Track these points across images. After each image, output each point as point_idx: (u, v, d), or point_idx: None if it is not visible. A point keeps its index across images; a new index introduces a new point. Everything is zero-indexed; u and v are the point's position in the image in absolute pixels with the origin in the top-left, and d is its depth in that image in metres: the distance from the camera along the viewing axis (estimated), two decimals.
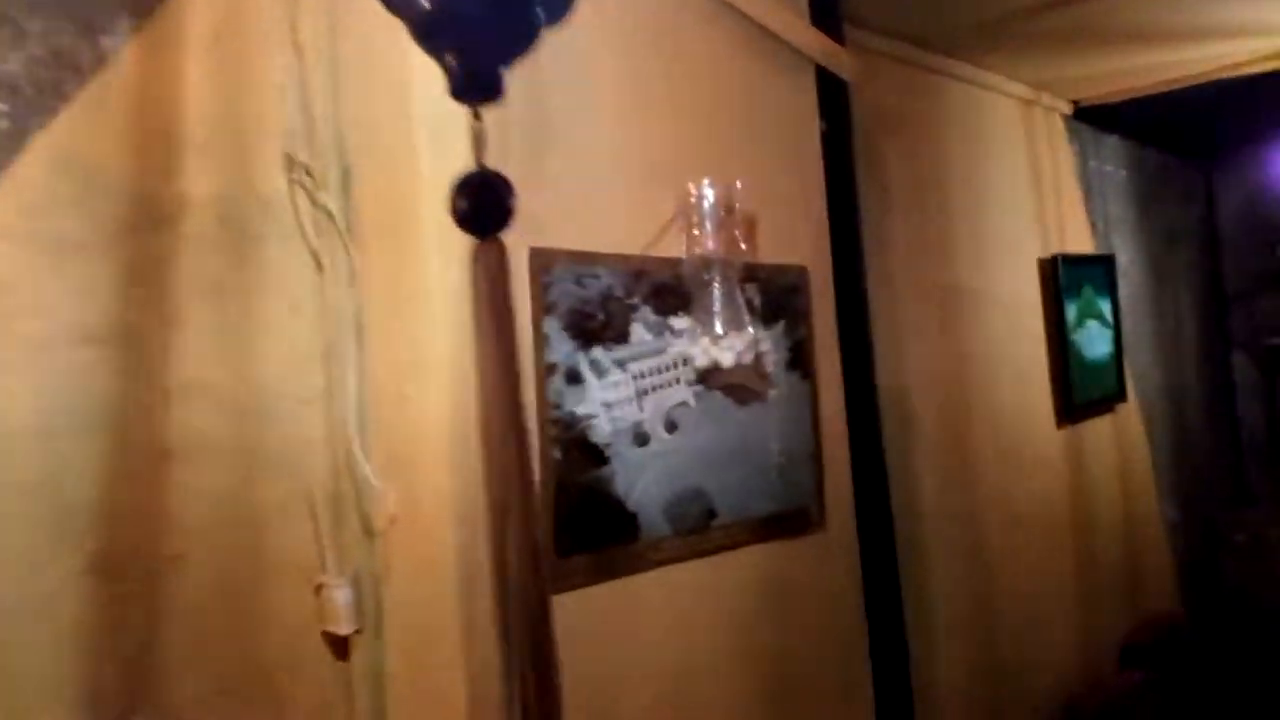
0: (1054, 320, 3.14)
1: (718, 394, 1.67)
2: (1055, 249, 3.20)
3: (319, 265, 1.45)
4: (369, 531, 1.45)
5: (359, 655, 1.46)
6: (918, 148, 2.70)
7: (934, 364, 2.59)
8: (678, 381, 1.60)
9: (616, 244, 1.54)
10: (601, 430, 1.49)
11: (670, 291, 1.60)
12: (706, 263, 1.56)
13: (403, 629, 1.42)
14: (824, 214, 1.92)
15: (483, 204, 0.97)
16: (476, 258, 0.98)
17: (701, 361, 1.59)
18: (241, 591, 1.38)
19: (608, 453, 1.49)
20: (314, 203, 1.44)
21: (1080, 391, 3.21)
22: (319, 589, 1.42)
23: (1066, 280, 3.18)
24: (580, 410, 1.46)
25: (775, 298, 1.78)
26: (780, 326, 1.79)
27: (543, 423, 1.41)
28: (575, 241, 1.49)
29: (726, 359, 1.57)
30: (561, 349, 1.45)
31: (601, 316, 1.51)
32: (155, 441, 1.31)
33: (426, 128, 1.35)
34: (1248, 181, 4.35)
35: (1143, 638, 3.18)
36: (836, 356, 1.91)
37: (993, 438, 2.80)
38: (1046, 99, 3.27)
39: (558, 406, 1.44)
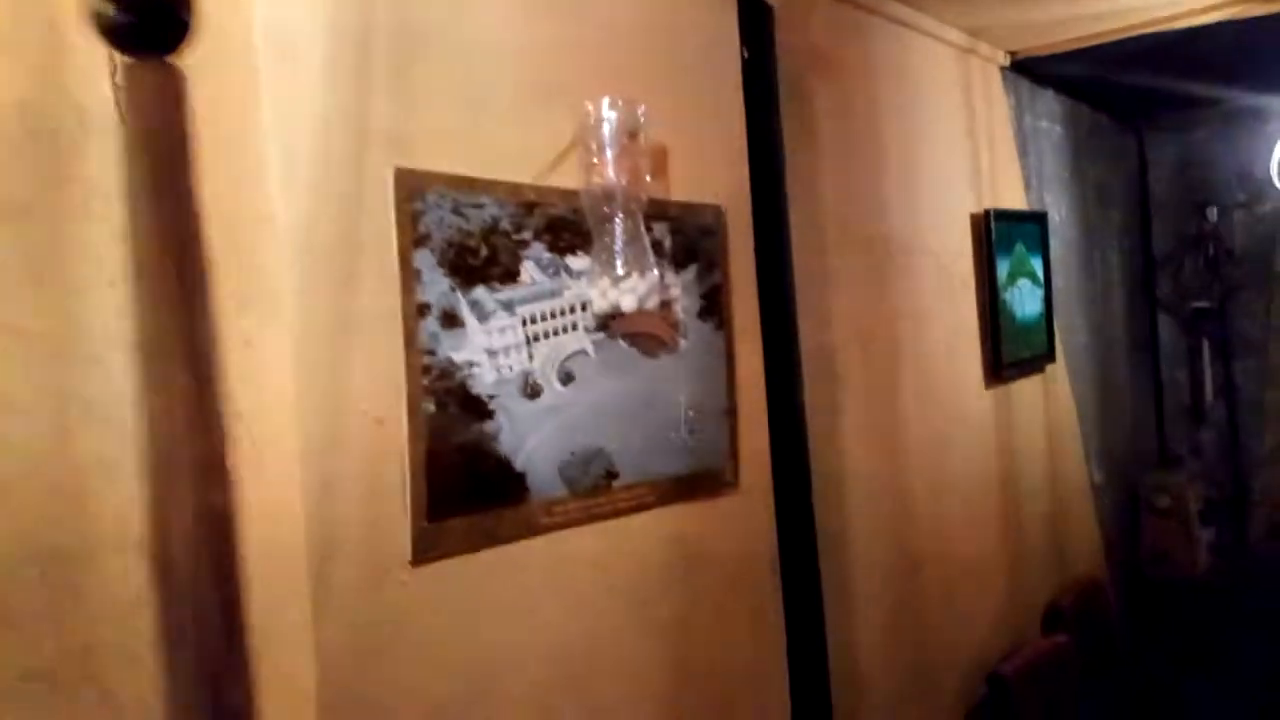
0: (985, 277, 3.04)
1: (621, 343, 1.51)
2: (988, 204, 3.10)
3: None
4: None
5: None
6: (849, 90, 2.54)
7: (862, 318, 2.47)
8: (575, 328, 1.44)
9: (504, 170, 1.36)
10: (484, 380, 1.32)
11: (567, 227, 1.43)
12: (607, 195, 1.39)
13: (262, 594, 1.24)
14: (743, 150, 1.77)
15: (142, 8, 0.69)
16: (132, 83, 0.72)
17: (600, 305, 1.42)
18: (55, 561, 1.18)
19: (491, 405, 1.33)
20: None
21: (1010, 351, 3.13)
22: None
23: (999, 236, 3.08)
24: (458, 357, 1.29)
25: (687, 239, 1.62)
26: (693, 271, 1.63)
27: (412, 370, 1.24)
28: (453, 165, 1.30)
29: (627, 302, 1.41)
30: (436, 287, 1.27)
31: (485, 252, 1.33)
32: None
33: (267, 34, 1.15)
34: (1180, 143, 4.31)
35: (1066, 601, 3.14)
36: (755, 306, 1.77)
37: (921, 397, 2.69)
38: (984, 48, 3.15)
39: (431, 353, 1.26)
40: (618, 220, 1.40)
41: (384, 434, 1.22)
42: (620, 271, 1.40)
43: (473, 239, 1.31)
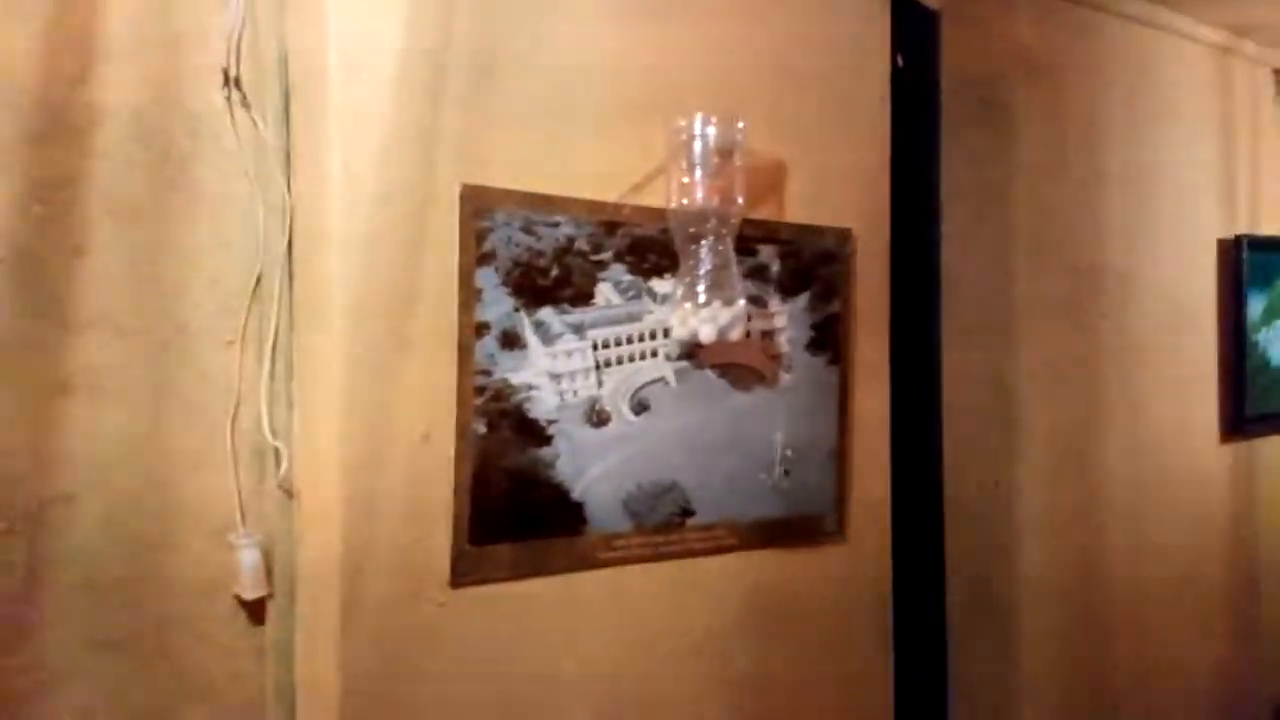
0: (1230, 314, 2.63)
1: (708, 374, 1.42)
2: (1244, 228, 2.67)
3: (257, 195, 1.31)
4: (289, 491, 1.31)
5: (273, 624, 1.34)
6: (1065, 97, 2.26)
7: (1055, 355, 2.19)
8: (654, 355, 1.37)
9: (586, 188, 1.31)
10: (544, 404, 1.28)
11: (653, 249, 1.36)
12: (694, 216, 1.31)
13: (309, 599, 1.28)
14: (884, 168, 1.61)
15: None
16: None
17: (679, 333, 1.34)
18: (140, 540, 1.27)
19: (550, 430, 1.29)
20: (254, 123, 1.30)
21: (1258, 401, 2.68)
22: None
23: (1253, 267, 2.65)
24: (517, 379, 1.26)
25: (801, 265, 1.50)
26: (804, 299, 1.50)
27: (464, 390, 1.22)
28: (529, 182, 1.27)
29: (706, 332, 1.32)
30: (498, 307, 1.24)
31: (556, 272, 1.29)
32: (51, 375, 1.22)
33: (338, 51, 1.16)
34: None
35: None
36: (884, 340, 1.61)
37: (1130, 448, 2.36)
38: (1250, 48, 2.70)
39: (486, 373, 1.24)
40: (704, 244, 1.32)
41: (431, 452, 1.21)
42: (703, 298, 1.31)
43: (543, 259, 1.28)
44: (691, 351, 1.39)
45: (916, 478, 1.69)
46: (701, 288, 1.31)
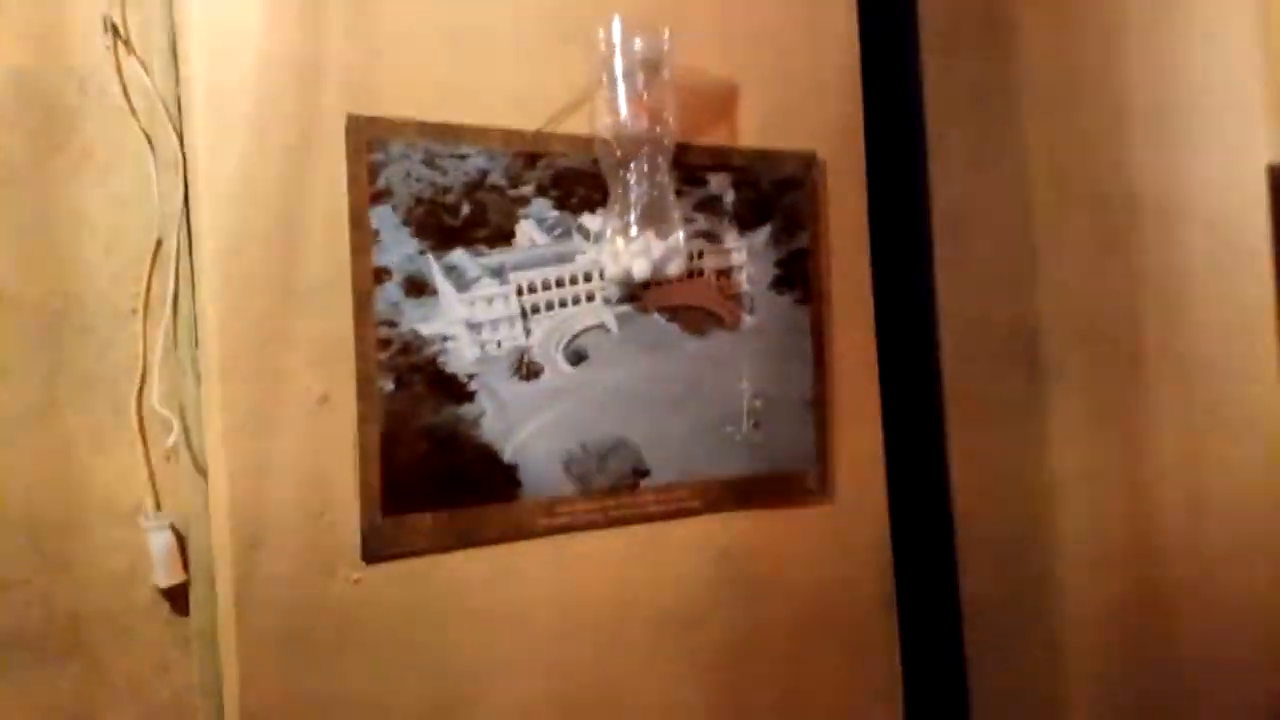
0: None
1: (657, 318, 1.27)
2: None
3: (151, 150, 1.21)
4: (200, 468, 1.21)
5: (196, 612, 1.24)
6: (1079, 17, 2.06)
7: (1085, 298, 1.99)
8: (591, 299, 1.23)
9: (501, 116, 1.18)
10: (463, 357, 1.15)
11: (583, 181, 1.22)
12: (622, 141, 1.17)
13: (218, 582, 1.17)
14: (853, 88, 1.44)
15: None
16: None
17: (613, 271, 1.20)
18: (48, 531, 1.18)
19: (472, 386, 1.16)
20: (143, 72, 1.20)
21: None
22: None
23: None
24: (428, 330, 1.13)
25: (760, 194, 1.35)
26: (765, 233, 1.35)
27: (364, 343, 1.10)
28: (431, 111, 1.15)
29: (639, 268, 1.18)
30: (399, 250, 1.12)
31: (468, 210, 1.16)
32: None
33: None
34: None
35: None
36: (865, 276, 1.44)
37: (1179, 398, 2.14)
38: None
39: (390, 324, 1.12)
40: (633, 171, 1.18)
41: (331, 415, 1.09)
42: (634, 231, 1.17)
43: (451, 195, 1.15)
44: (635, 294, 1.25)
45: (912, 427, 1.52)
46: (633, 219, 1.17)
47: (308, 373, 1.08)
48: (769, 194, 1.36)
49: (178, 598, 1.21)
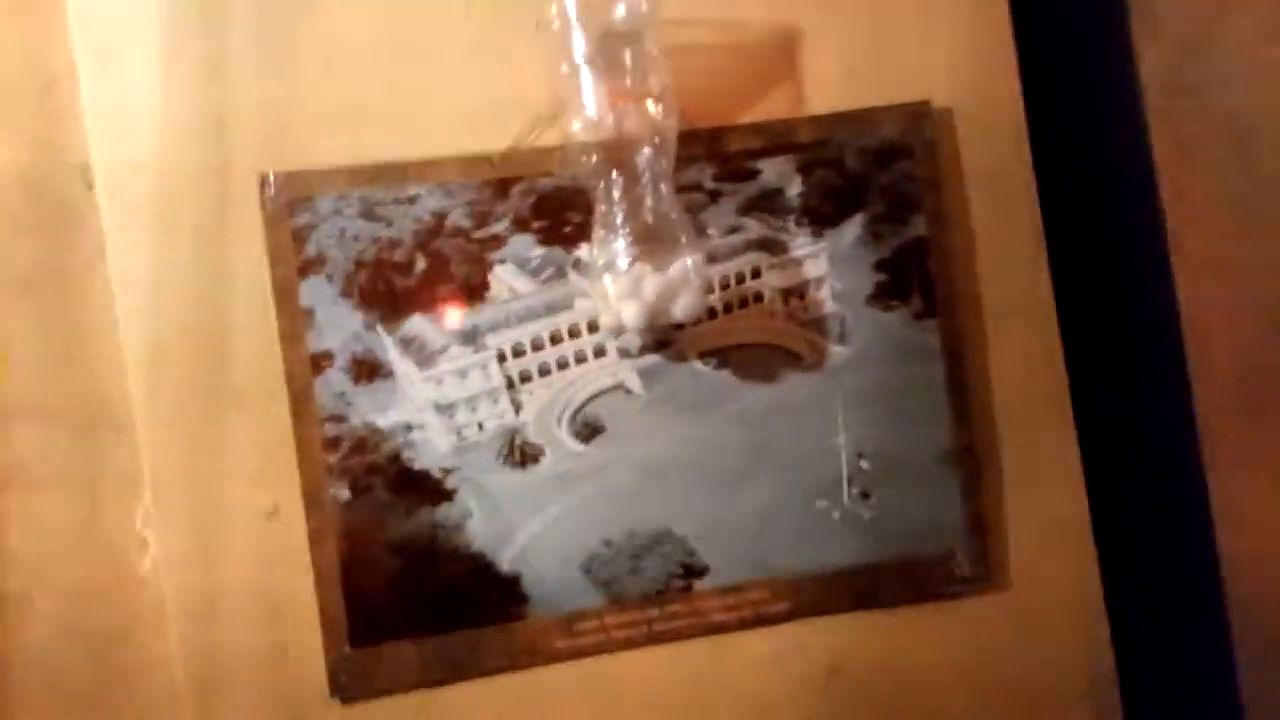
0: None
1: (698, 366, 0.96)
2: None
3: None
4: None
5: None
6: None
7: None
8: (599, 354, 0.95)
9: (454, 140, 0.94)
10: (434, 448, 0.93)
11: (575, 204, 0.94)
12: (597, 146, 0.87)
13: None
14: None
15: None
16: None
17: (605, 321, 0.91)
18: (101, 637, 1.15)
19: (450, 483, 0.93)
20: None
21: None
22: None
23: None
24: (386, 421, 0.92)
25: (844, 176, 0.97)
26: (854, 227, 0.97)
27: (307, 446, 0.91)
28: (366, 149, 0.93)
29: (630, 314, 0.87)
30: (340, 327, 0.92)
31: (424, 264, 0.93)
32: None
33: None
34: None
35: None
36: (1038, 260, 1.00)
37: None
38: None
39: (338, 419, 0.92)
40: (615, 184, 0.87)
41: (282, 530, 0.92)
42: (623, 264, 0.87)
43: (400, 249, 0.93)
44: (664, 339, 0.95)
45: (1149, 476, 1.04)
46: (620, 248, 0.87)
47: (251, 484, 0.92)
48: (858, 173, 0.98)
49: None
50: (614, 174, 0.87)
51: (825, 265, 0.97)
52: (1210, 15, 1.01)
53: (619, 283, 0.87)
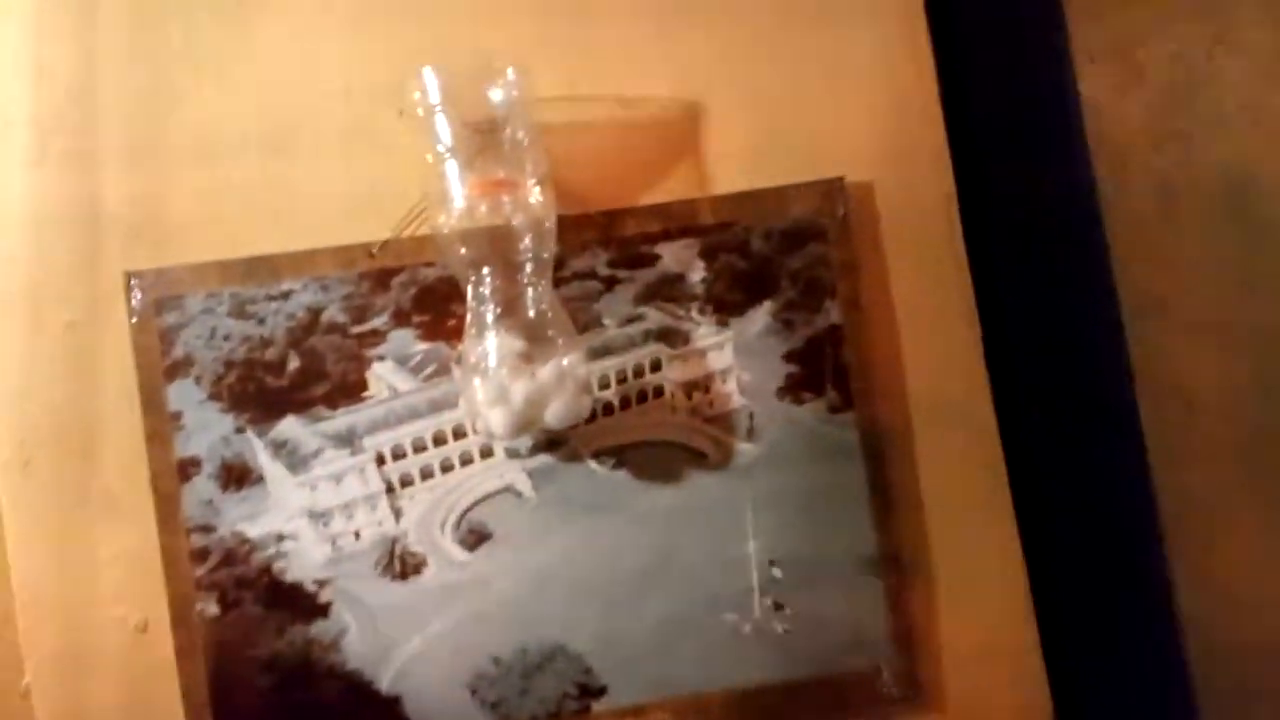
0: None
1: (593, 467, 0.89)
2: None
3: None
4: None
5: None
6: None
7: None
8: (486, 454, 0.88)
9: (330, 231, 0.89)
10: (306, 559, 0.87)
11: (457, 295, 0.88)
12: (467, 237, 0.81)
13: None
14: (925, 52, 0.92)
15: None
16: None
17: (481, 428, 0.84)
18: None
19: (324, 596, 0.87)
20: None
21: None
22: None
23: None
24: (255, 530, 0.87)
25: (750, 259, 0.90)
26: (762, 315, 0.90)
27: (173, 557, 0.86)
28: (238, 244, 0.88)
29: (498, 421, 0.81)
30: (208, 432, 0.87)
31: (297, 363, 0.88)
32: None
33: None
34: None
35: None
36: (977, 347, 0.91)
37: None
38: None
39: (206, 529, 0.87)
40: (484, 277, 0.81)
41: (151, 646, 0.87)
42: (491, 363, 0.80)
43: (272, 348, 0.88)
44: (556, 438, 0.88)
45: (1111, 565, 0.94)
46: (488, 348, 0.81)
47: (119, 597, 0.88)
48: (766, 256, 0.90)
49: None
50: (484, 268, 0.82)
51: (731, 356, 0.90)
52: (1199, 59, 0.92)
53: (486, 386, 0.80)
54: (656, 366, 0.90)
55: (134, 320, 0.87)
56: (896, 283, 0.92)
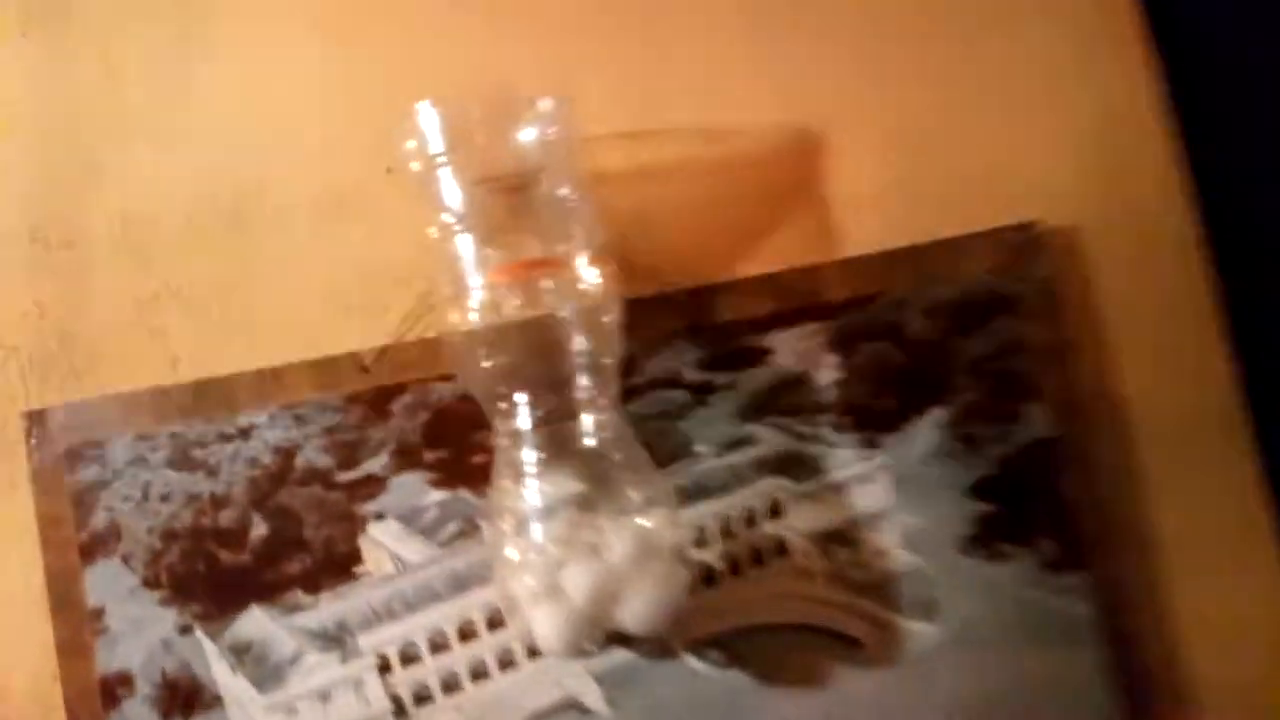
0: None
1: (696, 666, 0.60)
2: None
3: None
4: None
5: None
6: None
7: None
8: (538, 653, 0.61)
9: (306, 343, 0.64)
10: None
11: (483, 420, 0.61)
12: (499, 339, 0.55)
13: None
14: (1138, 51, 0.64)
15: None
16: None
17: (516, 625, 0.57)
18: None
19: None
20: None
21: None
22: None
23: None
24: None
25: (906, 348, 0.62)
26: (925, 430, 0.61)
27: None
28: (188, 360, 0.64)
29: (544, 629, 0.53)
30: (143, 633, 0.61)
31: (265, 530, 0.62)
32: None
33: None
34: None
35: None
36: (1250, 468, 0.61)
37: None
38: None
39: None
40: (519, 394, 0.55)
41: None
42: (537, 537, 0.53)
43: (230, 508, 0.62)
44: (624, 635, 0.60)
45: None
46: (528, 506, 0.54)
47: None
48: (930, 341, 0.62)
49: None
50: (519, 383, 0.55)
51: (887, 492, 0.61)
52: None
53: (527, 572, 0.53)
54: (776, 511, 0.61)
55: (35, 479, 0.62)
56: (1130, 369, 0.62)
